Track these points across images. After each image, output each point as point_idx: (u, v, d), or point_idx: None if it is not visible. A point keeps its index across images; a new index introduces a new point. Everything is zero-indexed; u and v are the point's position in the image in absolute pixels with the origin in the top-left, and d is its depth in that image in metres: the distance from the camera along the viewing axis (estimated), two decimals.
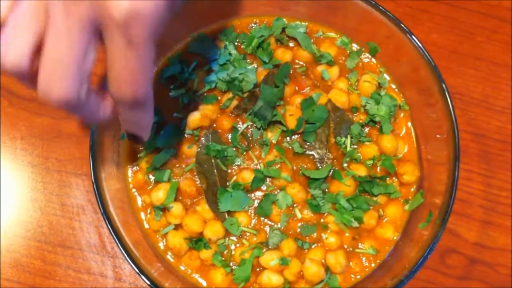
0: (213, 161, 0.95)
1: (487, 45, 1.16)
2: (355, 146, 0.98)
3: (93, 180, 0.89)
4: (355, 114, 1.00)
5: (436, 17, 1.17)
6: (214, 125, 0.98)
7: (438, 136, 0.96)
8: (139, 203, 0.97)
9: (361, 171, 0.95)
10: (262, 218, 0.95)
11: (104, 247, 1.05)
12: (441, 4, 1.18)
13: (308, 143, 0.97)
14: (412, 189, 0.98)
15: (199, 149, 0.96)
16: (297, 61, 1.02)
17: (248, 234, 0.94)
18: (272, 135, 0.97)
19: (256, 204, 0.95)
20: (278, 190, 0.95)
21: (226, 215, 0.94)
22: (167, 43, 1.01)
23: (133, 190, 0.97)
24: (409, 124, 1.01)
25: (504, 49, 1.16)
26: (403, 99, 1.02)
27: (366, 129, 0.99)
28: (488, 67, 1.15)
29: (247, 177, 0.94)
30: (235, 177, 0.96)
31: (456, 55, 1.16)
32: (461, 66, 1.15)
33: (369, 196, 0.96)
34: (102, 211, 0.88)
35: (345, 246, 0.95)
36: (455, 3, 1.18)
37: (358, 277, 0.95)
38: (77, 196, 1.07)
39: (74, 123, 1.10)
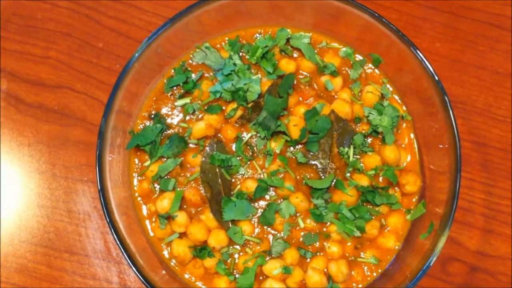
0: (217, 170, 0.97)
1: (489, 55, 1.17)
2: (358, 156, 0.99)
3: (99, 189, 0.90)
4: (358, 125, 1.01)
5: (439, 26, 1.18)
6: (219, 135, 0.99)
7: (440, 146, 0.96)
8: (144, 211, 0.98)
9: (364, 181, 0.96)
10: (265, 227, 0.96)
11: (109, 253, 1.07)
12: (443, 13, 1.18)
13: (311, 153, 0.98)
14: (414, 199, 0.99)
15: (203, 159, 0.97)
16: (301, 71, 1.03)
17: (251, 242, 0.95)
18: (275, 145, 0.98)
19: (259, 213, 0.96)
20: (281, 200, 0.96)
21: (230, 224, 0.95)
22: (172, 53, 1.02)
23: (139, 198, 0.98)
24: (412, 134, 1.02)
25: (507, 58, 1.16)
26: (405, 110, 1.03)
27: (369, 140, 1.00)
28: (490, 77, 1.16)
29: (251, 186, 0.95)
30: (239, 186, 0.97)
31: (458, 64, 1.16)
32: (464, 75, 1.16)
33: (371, 206, 0.97)
34: (107, 219, 0.89)
35: (347, 255, 0.96)
36: (458, 13, 1.18)
37: (360, 286, 0.96)
38: (83, 203, 1.08)
39: (80, 130, 1.11)
